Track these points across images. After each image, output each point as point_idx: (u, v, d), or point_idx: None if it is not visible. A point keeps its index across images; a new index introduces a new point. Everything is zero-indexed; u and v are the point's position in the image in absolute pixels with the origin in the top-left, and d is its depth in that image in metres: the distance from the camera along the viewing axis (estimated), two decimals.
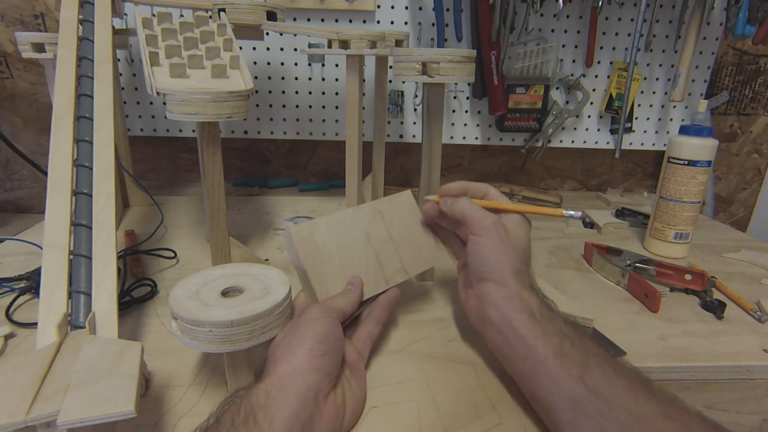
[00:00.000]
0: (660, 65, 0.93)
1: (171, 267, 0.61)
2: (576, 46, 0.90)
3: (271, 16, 0.64)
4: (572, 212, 0.42)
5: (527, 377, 0.36)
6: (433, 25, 0.87)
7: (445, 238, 0.47)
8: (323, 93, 0.91)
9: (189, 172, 0.99)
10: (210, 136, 0.46)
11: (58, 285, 0.35)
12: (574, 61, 0.91)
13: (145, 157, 0.96)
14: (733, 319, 0.53)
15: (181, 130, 0.91)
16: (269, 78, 0.89)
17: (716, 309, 0.53)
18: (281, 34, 0.86)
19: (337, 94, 0.91)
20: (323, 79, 0.90)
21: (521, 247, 0.40)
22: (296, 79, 0.89)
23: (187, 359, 0.42)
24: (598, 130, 0.97)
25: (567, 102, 0.95)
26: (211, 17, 0.60)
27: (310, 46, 0.86)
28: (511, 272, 0.39)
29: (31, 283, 0.53)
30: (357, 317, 0.43)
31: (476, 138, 0.96)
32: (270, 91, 0.90)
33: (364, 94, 0.74)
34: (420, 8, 0.86)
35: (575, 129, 0.97)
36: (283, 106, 0.91)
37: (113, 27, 0.55)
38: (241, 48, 0.55)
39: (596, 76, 0.93)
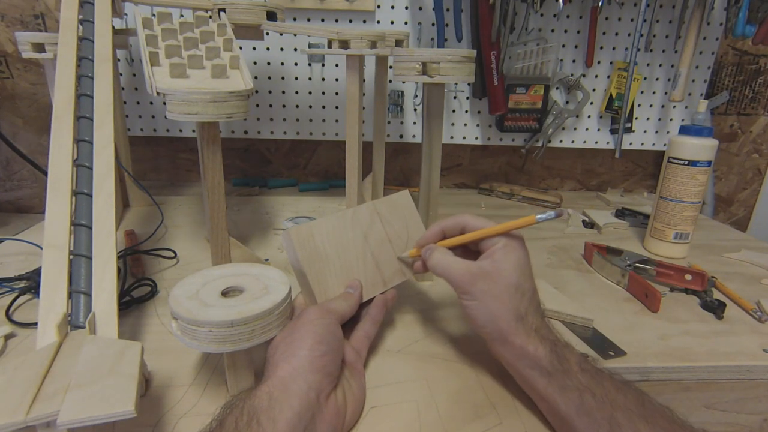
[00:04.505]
0: (660, 65, 0.93)
1: (171, 267, 0.61)
2: (576, 46, 0.90)
3: (271, 16, 0.64)
4: (544, 215, 0.38)
5: (558, 429, 0.35)
6: (433, 25, 0.87)
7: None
8: (323, 93, 0.91)
9: (189, 172, 0.99)
10: (210, 136, 0.46)
11: (58, 285, 0.35)
12: (574, 61, 0.91)
13: (145, 157, 0.96)
14: (733, 319, 0.53)
15: (181, 130, 0.91)
16: (269, 78, 0.89)
17: (716, 309, 0.53)
18: (281, 34, 0.86)
19: (337, 94, 0.91)
20: (323, 79, 0.90)
21: (513, 283, 0.37)
22: (296, 79, 0.89)
23: (187, 359, 0.42)
24: (598, 130, 0.97)
25: (567, 102, 0.95)
26: (211, 17, 0.60)
27: (310, 46, 0.86)
28: (510, 326, 0.36)
29: (31, 283, 0.53)
30: (354, 317, 0.43)
31: (476, 138, 0.96)
32: (270, 91, 0.90)
33: (364, 94, 0.74)
34: (420, 8, 0.86)
35: (575, 129, 0.97)
36: (283, 106, 0.91)
37: (113, 27, 0.55)
38: (241, 48, 0.55)
39: (596, 76, 0.93)
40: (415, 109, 0.93)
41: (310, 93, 0.91)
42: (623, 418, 0.30)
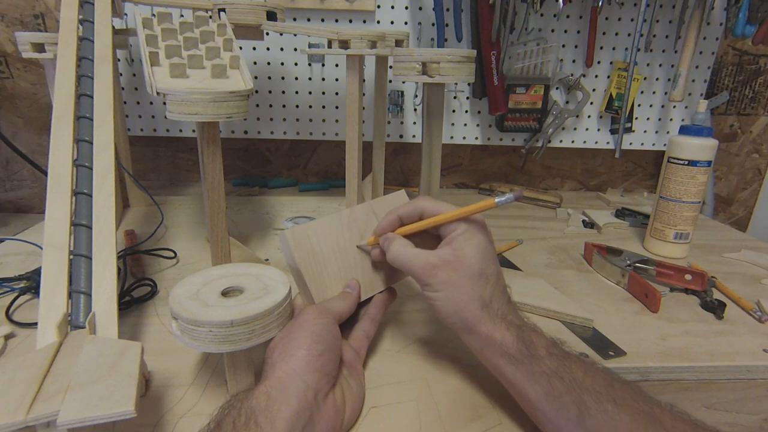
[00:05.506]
0: (660, 65, 0.93)
1: (171, 267, 0.61)
2: (576, 46, 0.90)
3: (271, 16, 0.64)
4: (503, 198, 0.36)
5: (528, 414, 0.35)
6: (433, 25, 0.87)
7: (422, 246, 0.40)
8: (323, 93, 0.91)
9: (189, 172, 0.99)
10: (210, 136, 0.46)
11: (58, 285, 0.35)
12: (574, 61, 0.91)
13: (145, 157, 0.96)
14: (733, 319, 0.53)
15: (181, 130, 0.91)
16: (269, 78, 0.89)
17: (716, 309, 0.53)
18: (281, 34, 0.86)
19: (337, 94, 0.91)
20: (323, 79, 0.90)
21: (476, 270, 0.36)
22: (296, 79, 0.89)
23: (187, 359, 0.42)
24: (598, 130, 0.97)
25: (567, 102, 0.95)
26: (211, 17, 0.60)
27: (310, 46, 0.86)
28: (475, 315, 0.35)
29: (31, 283, 0.53)
30: (353, 317, 0.43)
31: (476, 138, 0.96)
32: (270, 91, 0.90)
33: (364, 94, 0.74)
34: (420, 8, 0.86)
35: (575, 129, 0.97)
36: (283, 106, 0.91)
37: (113, 27, 0.55)
38: (241, 48, 0.55)
39: (596, 76, 0.93)
40: (415, 109, 0.93)
41: (310, 93, 0.91)
42: (592, 400, 0.30)
